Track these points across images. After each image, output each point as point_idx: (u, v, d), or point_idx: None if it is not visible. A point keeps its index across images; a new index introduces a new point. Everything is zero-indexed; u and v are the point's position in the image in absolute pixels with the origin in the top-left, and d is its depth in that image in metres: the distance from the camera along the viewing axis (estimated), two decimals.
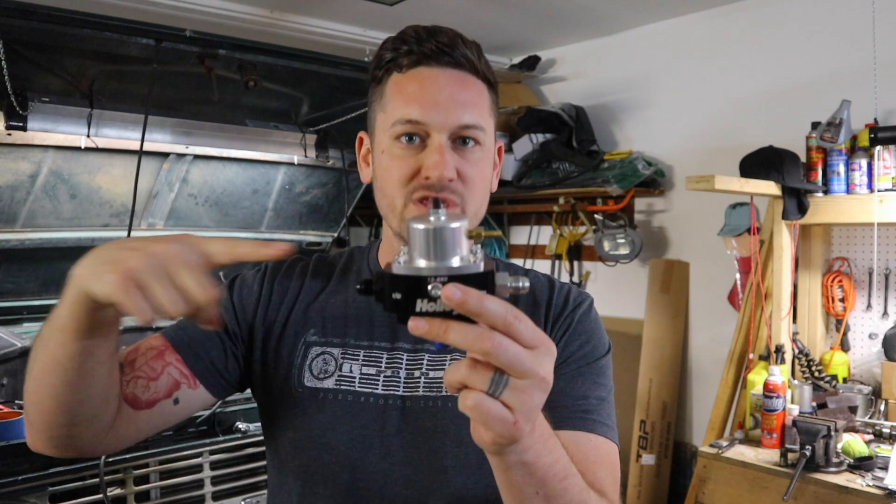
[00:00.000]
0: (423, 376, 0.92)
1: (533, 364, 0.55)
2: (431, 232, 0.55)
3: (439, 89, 0.89)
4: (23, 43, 2.31)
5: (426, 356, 0.93)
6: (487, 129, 0.93)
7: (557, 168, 3.38)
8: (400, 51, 0.91)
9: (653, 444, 3.16)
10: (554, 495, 0.67)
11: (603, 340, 0.98)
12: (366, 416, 0.91)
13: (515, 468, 0.64)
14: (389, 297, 0.56)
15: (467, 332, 0.54)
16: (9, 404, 2.46)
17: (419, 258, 0.56)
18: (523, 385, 0.55)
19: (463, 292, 0.52)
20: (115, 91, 2.73)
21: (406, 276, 0.55)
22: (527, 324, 0.55)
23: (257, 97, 3.01)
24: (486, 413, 0.55)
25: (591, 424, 0.88)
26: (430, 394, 0.91)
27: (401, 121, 0.89)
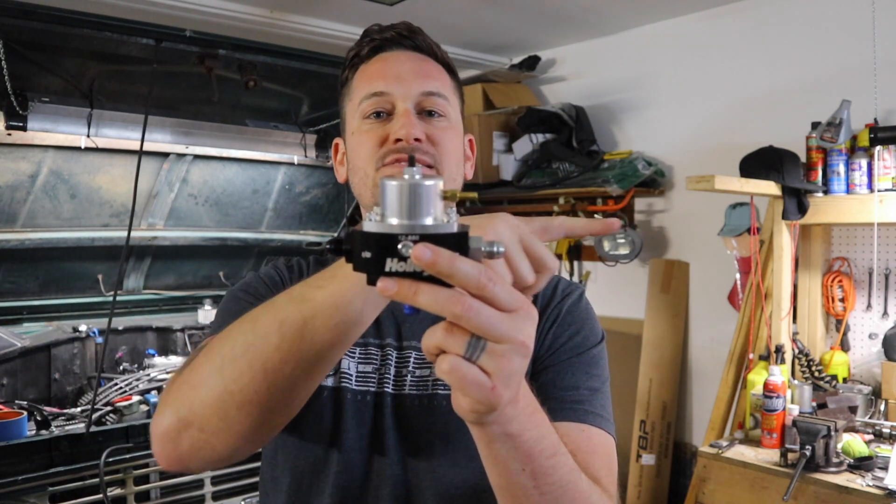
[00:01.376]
0: (409, 374, 0.92)
1: (510, 328, 0.52)
2: (405, 187, 0.53)
3: (400, 64, 0.93)
4: (23, 43, 2.31)
5: (413, 353, 0.93)
6: (452, 102, 0.95)
7: (557, 168, 3.38)
8: (362, 44, 0.96)
9: (653, 444, 3.16)
10: (541, 472, 0.65)
11: (595, 330, 0.96)
12: (364, 414, 0.91)
13: (499, 440, 0.61)
14: (359, 255, 0.53)
15: (437, 294, 0.50)
16: (9, 404, 2.46)
17: (391, 216, 0.53)
18: (501, 349, 0.52)
19: (433, 252, 0.49)
20: (115, 91, 2.73)
21: (376, 234, 0.52)
22: (503, 286, 0.52)
23: (257, 97, 3.02)
24: (462, 378, 0.52)
25: (582, 415, 0.86)
26: (417, 392, 0.91)
27: (366, 96, 0.92)
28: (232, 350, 0.70)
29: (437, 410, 0.90)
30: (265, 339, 0.69)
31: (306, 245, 3.64)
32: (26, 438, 2.16)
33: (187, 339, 3.27)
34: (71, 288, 3.11)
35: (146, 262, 3.28)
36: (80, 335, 2.95)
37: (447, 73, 0.98)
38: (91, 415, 2.27)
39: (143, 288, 3.35)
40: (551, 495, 0.67)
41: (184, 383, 0.73)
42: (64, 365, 2.88)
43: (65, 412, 2.54)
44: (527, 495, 0.66)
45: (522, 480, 0.65)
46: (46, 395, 2.80)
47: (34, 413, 2.35)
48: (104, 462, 2.14)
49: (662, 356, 3.20)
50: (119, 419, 2.43)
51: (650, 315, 3.26)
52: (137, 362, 3.09)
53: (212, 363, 0.71)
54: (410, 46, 0.95)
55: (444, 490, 0.89)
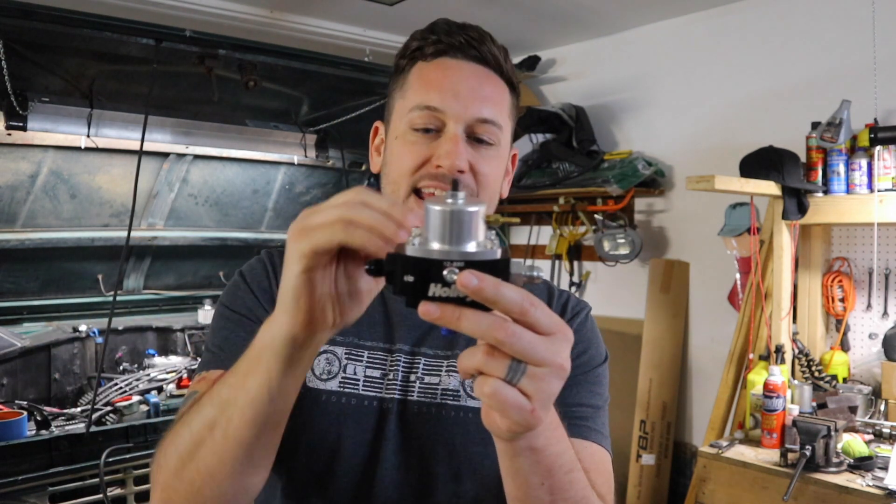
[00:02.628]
0: (418, 381, 0.91)
1: (549, 352, 0.53)
2: (449, 214, 0.53)
3: (462, 80, 0.88)
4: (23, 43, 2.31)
5: (422, 360, 0.92)
6: (505, 129, 0.91)
7: (557, 168, 3.38)
8: (427, 40, 0.90)
9: (653, 444, 3.16)
10: (559, 487, 0.66)
11: (600, 349, 0.97)
12: (367, 421, 0.90)
13: (524, 454, 0.62)
14: (401, 279, 0.53)
15: (481, 320, 0.52)
16: (9, 404, 2.46)
17: (434, 241, 0.53)
18: (541, 373, 0.53)
19: (479, 279, 0.51)
20: (115, 91, 2.73)
21: (421, 259, 0.53)
22: (543, 310, 0.54)
23: (257, 97, 3.02)
24: (503, 401, 0.53)
25: (586, 431, 0.87)
26: (425, 399, 0.90)
27: (419, 106, 0.87)
28: (179, 453, 0.71)
29: (444, 420, 0.89)
30: (202, 444, 0.69)
31: None
32: (26, 438, 2.16)
33: (187, 339, 3.27)
34: (71, 288, 3.11)
35: (146, 262, 3.28)
36: (80, 335, 2.95)
37: (508, 92, 0.93)
38: (91, 415, 2.27)
39: (143, 288, 3.36)
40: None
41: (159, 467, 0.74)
42: (64, 365, 2.88)
43: (65, 412, 2.54)
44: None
45: (541, 494, 0.66)
46: (46, 395, 2.80)
47: (34, 413, 2.35)
48: (104, 462, 2.14)
49: (662, 356, 3.20)
50: (119, 419, 2.43)
51: (650, 315, 3.26)
52: (137, 362, 3.09)
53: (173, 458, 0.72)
54: (476, 57, 0.89)
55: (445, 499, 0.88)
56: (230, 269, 3.54)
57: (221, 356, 0.87)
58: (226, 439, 0.67)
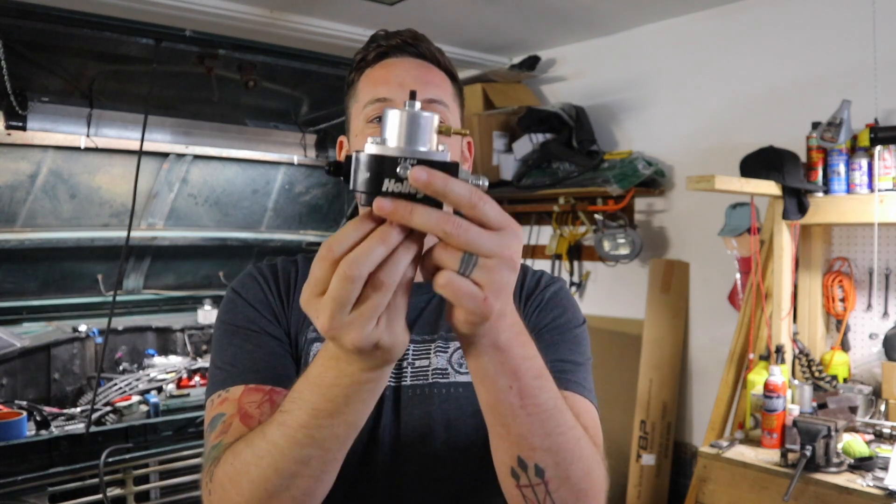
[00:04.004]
0: (409, 366, 0.95)
1: (498, 244, 0.57)
2: (405, 116, 0.58)
3: (404, 71, 0.96)
4: (23, 43, 2.31)
5: (411, 346, 0.96)
6: (452, 109, 0.98)
7: (557, 168, 3.38)
8: (368, 49, 0.99)
9: (653, 444, 3.16)
10: (528, 392, 0.68)
11: (577, 314, 1.01)
12: None
13: (487, 353, 0.65)
14: (358, 176, 0.57)
15: (431, 214, 0.55)
16: (8, 404, 2.46)
17: (391, 141, 0.58)
18: (491, 264, 0.57)
19: (429, 174, 0.54)
20: (115, 91, 2.73)
21: (377, 156, 0.57)
22: (492, 206, 0.57)
23: (257, 97, 3.02)
24: (457, 290, 0.57)
25: (566, 383, 0.89)
26: (417, 382, 0.94)
27: (371, 101, 0.95)
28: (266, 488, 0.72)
29: (437, 398, 0.93)
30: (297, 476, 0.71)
31: (306, 245, 3.64)
32: (26, 438, 2.16)
33: (187, 339, 3.27)
34: (71, 288, 3.11)
35: (146, 262, 3.28)
36: (79, 335, 2.94)
37: (449, 80, 1.01)
38: (91, 415, 2.27)
39: (142, 288, 3.35)
40: (537, 417, 0.69)
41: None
42: (64, 365, 2.88)
43: (64, 412, 2.54)
44: (514, 415, 0.69)
45: (510, 398, 0.68)
46: (46, 395, 2.80)
47: (34, 413, 2.35)
48: (104, 462, 2.13)
49: (662, 356, 3.20)
50: (119, 419, 2.43)
51: (650, 315, 3.26)
52: (137, 362, 3.09)
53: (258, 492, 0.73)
54: (414, 53, 0.98)
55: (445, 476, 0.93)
56: (230, 269, 3.54)
57: (235, 371, 0.89)
58: (325, 464, 0.72)
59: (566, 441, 0.72)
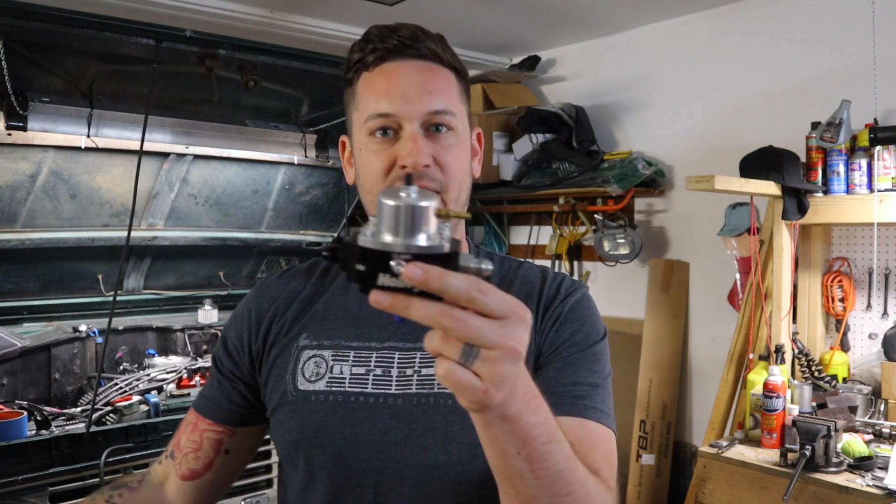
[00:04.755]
0: (415, 374, 0.93)
1: (498, 335, 0.55)
2: (400, 209, 0.56)
3: (406, 80, 0.92)
4: (23, 43, 2.31)
5: (418, 354, 0.94)
6: (458, 114, 0.95)
7: (557, 168, 3.38)
8: (365, 50, 0.94)
9: (653, 444, 3.16)
10: (537, 457, 0.66)
11: (597, 327, 0.98)
12: (357, 416, 0.92)
13: (496, 423, 0.63)
14: (353, 267, 0.56)
15: (428, 309, 0.54)
16: (9, 404, 2.46)
17: (386, 232, 0.56)
18: (493, 355, 0.55)
19: (424, 271, 0.53)
20: (115, 91, 2.73)
21: (371, 250, 0.55)
22: (493, 295, 0.55)
23: (257, 97, 3.02)
24: (456, 382, 0.56)
25: (582, 409, 0.87)
26: (423, 391, 0.92)
27: (372, 116, 0.92)
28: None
29: (442, 409, 0.91)
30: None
31: (306, 245, 3.64)
32: (26, 438, 2.17)
33: (187, 339, 3.27)
34: (71, 288, 3.11)
35: (146, 262, 3.28)
36: (80, 335, 2.95)
37: (454, 78, 0.96)
38: (91, 415, 2.27)
39: (143, 288, 3.35)
40: (546, 480, 0.68)
41: None
42: (64, 365, 2.88)
43: (65, 412, 2.54)
44: (522, 478, 0.68)
45: (518, 464, 0.66)
46: (46, 395, 2.80)
47: (34, 413, 2.35)
48: (104, 462, 2.14)
49: (662, 356, 3.20)
50: (119, 419, 2.43)
51: (650, 315, 3.26)
52: (137, 362, 3.09)
53: None
54: (414, 55, 0.94)
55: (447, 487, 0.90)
56: (230, 269, 3.54)
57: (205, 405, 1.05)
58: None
59: (575, 500, 0.71)
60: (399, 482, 0.90)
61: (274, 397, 0.98)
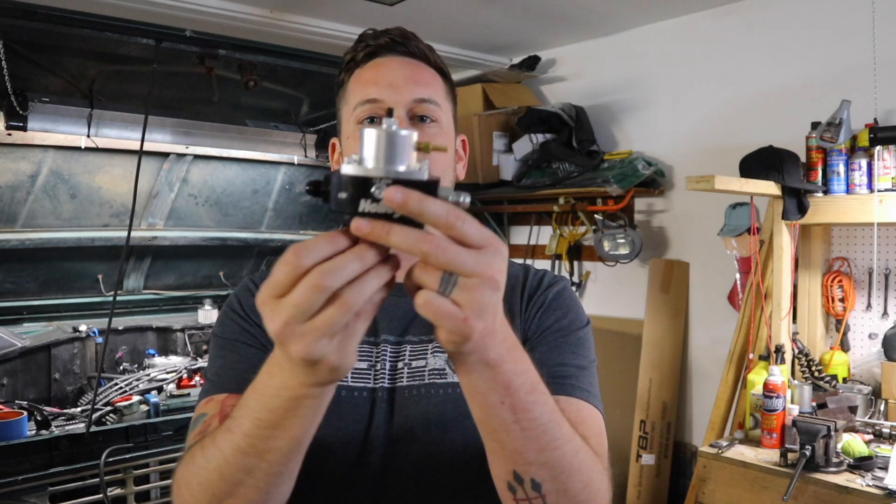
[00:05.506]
0: (406, 367, 0.94)
1: (478, 263, 0.55)
2: (382, 135, 0.56)
3: (393, 71, 0.95)
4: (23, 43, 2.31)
5: (408, 347, 0.95)
6: (443, 107, 0.97)
7: (557, 168, 3.38)
8: (357, 49, 0.98)
9: (653, 444, 3.16)
10: (521, 407, 0.66)
11: (580, 315, 0.99)
12: (359, 411, 0.93)
13: (476, 370, 0.63)
14: (335, 196, 0.57)
15: (408, 234, 0.54)
16: (9, 404, 2.46)
17: (368, 161, 0.56)
18: (472, 283, 0.55)
19: (404, 194, 0.53)
20: (115, 91, 2.73)
21: (352, 176, 0.56)
22: (472, 224, 0.56)
23: (257, 97, 3.02)
24: (436, 311, 0.56)
25: (569, 389, 0.87)
26: (414, 383, 0.93)
27: (360, 102, 0.94)
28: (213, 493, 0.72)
29: (434, 399, 0.92)
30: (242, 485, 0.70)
31: None
32: (26, 438, 2.17)
33: (187, 339, 3.27)
34: (71, 288, 3.11)
35: (146, 262, 3.28)
36: (80, 335, 2.95)
37: (440, 78, 1.00)
38: (91, 415, 2.27)
39: (143, 288, 3.36)
40: (532, 432, 0.67)
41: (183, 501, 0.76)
42: (64, 365, 2.88)
43: (65, 412, 2.54)
44: (507, 430, 0.67)
45: (502, 414, 0.66)
46: (46, 395, 2.80)
47: (34, 413, 2.35)
48: (104, 462, 2.14)
49: (662, 356, 3.20)
50: (119, 419, 2.43)
51: (650, 315, 3.26)
52: (137, 362, 3.09)
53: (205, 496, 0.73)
54: (404, 52, 0.97)
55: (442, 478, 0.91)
56: (230, 269, 3.54)
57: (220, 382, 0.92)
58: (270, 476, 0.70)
59: (563, 455, 0.70)
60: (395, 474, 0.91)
61: None
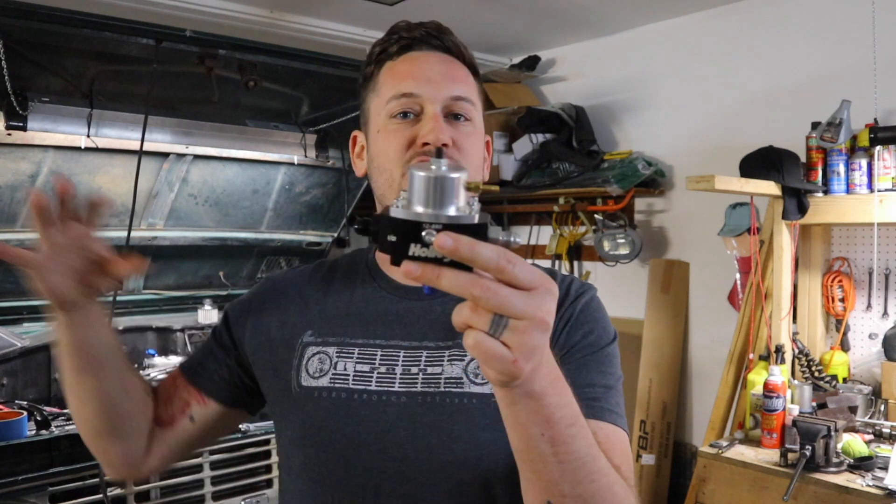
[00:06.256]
0: (420, 372, 0.92)
1: (528, 305, 0.55)
2: (431, 179, 0.56)
3: (430, 66, 0.94)
4: (23, 43, 2.31)
5: (424, 353, 0.93)
6: (477, 106, 0.98)
7: (557, 168, 3.38)
8: (390, 41, 0.97)
9: (653, 444, 3.16)
10: (560, 440, 0.66)
11: (608, 329, 0.98)
12: (360, 413, 0.91)
13: (520, 402, 0.63)
14: (385, 238, 0.57)
15: (458, 278, 0.55)
16: (9, 404, 2.46)
17: (417, 204, 0.57)
18: (522, 325, 0.56)
19: (454, 240, 0.53)
20: (115, 91, 2.73)
21: (402, 221, 0.56)
22: (522, 266, 0.56)
23: (257, 97, 3.02)
24: (485, 352, 0.56)
25: (599, 412, 0.86)
26: (429, 390, 0.91)
27: (395, 96, 0.93)
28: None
29: (447, 408, 0.90)
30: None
31: (306, 245, 3.64)
32: (26, 438, 2.16)
33: (187, 339, 3.27)
34: None
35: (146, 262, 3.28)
36: None
37: (473, 77, 0.99)
38: None
39: (143, 288, 3.35)
40: (569, 465, 0.67)
41: None
42: None
43: (65, 412, 2.54)
44: (545, 462, 0.67)
45: (541, 446, 0.66)
46: (46, 395, 2.80)
47: (34, 413, 2.35)
48: None
49: (662, 356, 3.20)
50: None
51: (650, 315, 3.26)
52: (137, 362, 3.09)
53: None
54: (439, 47, 0.96)
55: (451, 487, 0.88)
56: (230, 269, 3.54)
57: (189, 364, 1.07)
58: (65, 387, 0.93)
59: (597, 489, 0.70)
60: (401, 482, 0.89)
61: (275, 393, 0.98)
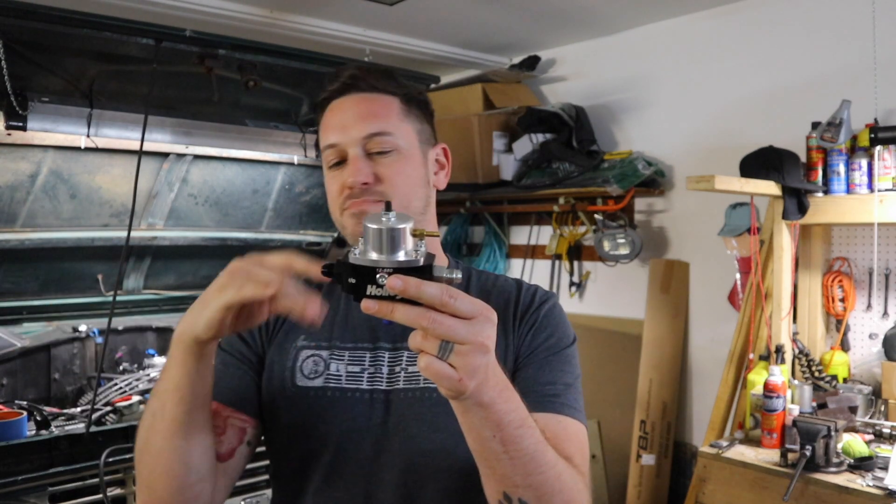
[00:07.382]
0: (402, 371, 1.03)
1: (469, 332, 0.67)
2: (381, 231, 0.67)
3: (344, 112, 1.05)
4: (23, 43, 2.30)
5: (405, 353, 1.04)
6: (399, 132, 1.05)
7: (557, 168, 3.38)
8: (325, 91, 1.10)
9: (653, 444, 3.16)
10: (510, 440, 0.76)
11: (568, 332, 1.08)
12: (353, 409, 1.01)
13: (472, 410, 0.74)
14: (346, 280, 0.68)
15: (409, 312, 0.66)
16: (9, 404, 2.46)
17: (371, 251, 0.68)
18: (465, 349, 0.67)
19: (403, 281, 0.65)
20: (115, 91, 2.73)
21: (360, 266, 0.67)
22: (463, 300, 0.67)
23: (257, 97, 3.01)
24: (435, 372, 0.67)
25: (558, 407, 0.97)
26: (410, 386, 1.02)
27: (325, 148, 1.06)
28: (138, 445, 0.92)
29: (428, 401, 1.00)
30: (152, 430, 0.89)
31: (306, 245, 3.64)
32: (26, 438, 2.16)
33: None
34: (71, 288, 3.10)
35: (146, 262, 3.28)
36: (79, 335, 2.94)
37: (398, 102, 1.07)
38: (91, 415, 2.27)
39: (143, 288, 3.35)
40: (519, 461, 0.78)
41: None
42: (64, 365, 2.88)
43: (65, 412, 2.54)
44: (498, 459, 0.78)
45: (494, 446, 0.77)
46: (46, 395, 2.80)
47: (34, 413, 2.35)
48: (104, 462, 2.13)
49: (662, 356, 3.20)
50: (119, 419, 2.43)
51: (650, 315, 3.26)
52: (137, 362, 3.09)
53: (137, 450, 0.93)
54: (355, 90, 1.06)
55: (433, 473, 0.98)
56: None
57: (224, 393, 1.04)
58: (164, 420, 0.87)
59: (546, 479, 0.81)
60: (389, 471, 0.98)
61: (270, 393, 1.05)
